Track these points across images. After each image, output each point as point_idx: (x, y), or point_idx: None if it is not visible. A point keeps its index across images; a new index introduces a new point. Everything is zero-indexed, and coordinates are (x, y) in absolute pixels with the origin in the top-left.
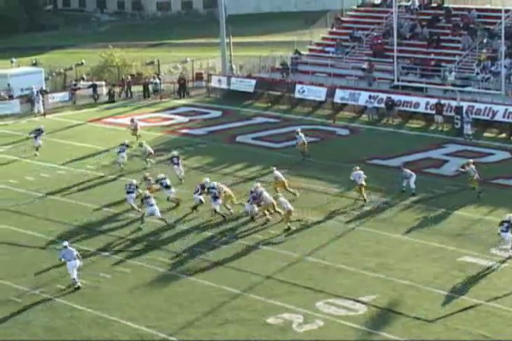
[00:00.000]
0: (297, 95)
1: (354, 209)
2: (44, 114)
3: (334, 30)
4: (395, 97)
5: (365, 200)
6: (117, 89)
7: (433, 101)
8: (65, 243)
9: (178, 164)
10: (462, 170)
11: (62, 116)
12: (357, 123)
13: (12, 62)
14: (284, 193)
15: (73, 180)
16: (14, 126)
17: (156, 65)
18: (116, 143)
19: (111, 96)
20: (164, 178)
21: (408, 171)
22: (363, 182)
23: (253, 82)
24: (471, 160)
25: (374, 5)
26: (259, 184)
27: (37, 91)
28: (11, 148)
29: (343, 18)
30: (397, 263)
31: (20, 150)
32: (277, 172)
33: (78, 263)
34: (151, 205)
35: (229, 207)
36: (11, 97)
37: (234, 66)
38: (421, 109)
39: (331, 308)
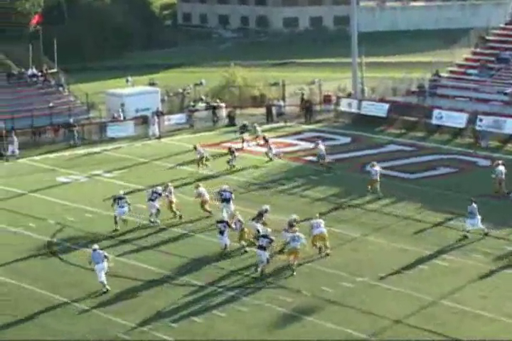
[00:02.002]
0: (434, 121)
1: (495, 249)
2: (159, 137)
3: (478, 50)
4: None
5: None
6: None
7: None
8: (95, 246)
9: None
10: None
11: (178, 140)
12: (500, 154)
13: (127, 81)
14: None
15: (186, 209)
16: (128, 150)
17: (280, 85)
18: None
19: (231, 119)
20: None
21: (474, 208)
22: (378, 178)
23: (386, 106)
24: (500, 161)
25: None
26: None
27: (152, 113)
28: (123, 173)
29: (488, 37)
30: None
31: (134, 175)
32: (202, 189)
33: (106, 265)
34: (122, 207)
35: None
36: (124, 119)
37: (365, 88)
38: None
39: None
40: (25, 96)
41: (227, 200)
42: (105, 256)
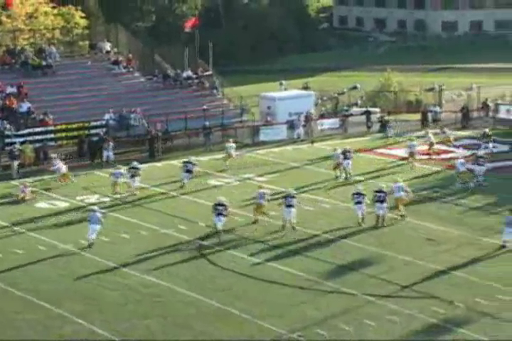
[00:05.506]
0: None
1: None
2: (312, 142)
3: None
4: None
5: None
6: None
7: None
8: (95, 207)
9: (348, 158)
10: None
11: (329, 145)
12: None
13: (281, 84)
14: None
15: (341, 216)
16: (279, 154)
17: (437, 91)
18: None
19: (382, 124)
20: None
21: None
22: (341, 161)
23: None
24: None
25: None
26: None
27: (298, 116)
28: (274, 177)
29: None
30: None
31: (285, 180)
32: (118, 171)
33: (99, 228)
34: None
35: None
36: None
37: None
38: None
39: None
40: (180, 98)
41: None
42: (100, 220)
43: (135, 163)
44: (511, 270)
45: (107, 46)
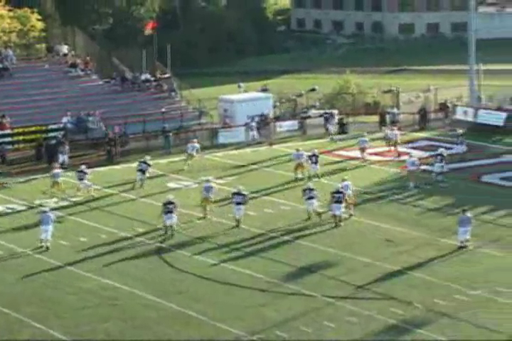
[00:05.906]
0: None
1: None
2: (270, 144)
3: None
4: None
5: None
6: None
7: None
8: (46, 208)
9: (316, 163)
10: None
11: (289, 147)
12: None
13: (239, 86)
14: None
15: (300, 217)
16: (238, 156)
17: (394, 93)
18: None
19: (342, 126)
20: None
21: (465, 218)
22: (302, 162)
23: (504, 115)
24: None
25: None
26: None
27: (252, 118)
28: (234, 180)
29: None
30: None
31: (244, 182)
32: (57, 171)
33: (51, 228)
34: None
35: None
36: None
37: (483, 96)
38: None
39: None
40: (138, 101)
41: None
42: (52, 220)
43: (83, 167)
44: (469, 270)
45: (64, 49)
